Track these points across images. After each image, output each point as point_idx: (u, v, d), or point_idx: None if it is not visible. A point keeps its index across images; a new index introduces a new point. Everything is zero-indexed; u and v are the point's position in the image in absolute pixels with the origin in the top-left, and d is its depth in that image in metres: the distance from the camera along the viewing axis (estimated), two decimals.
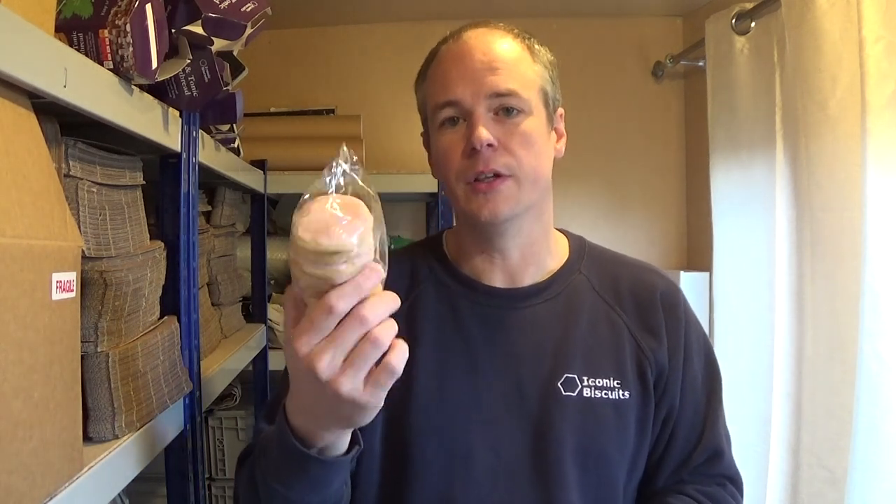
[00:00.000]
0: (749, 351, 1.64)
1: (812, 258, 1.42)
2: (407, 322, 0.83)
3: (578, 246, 0.93)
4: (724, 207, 1.79)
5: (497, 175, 0.79)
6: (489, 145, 0.79)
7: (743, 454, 1.64)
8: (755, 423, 1.61)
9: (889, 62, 1.20)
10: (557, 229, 0.95)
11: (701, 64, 1.95)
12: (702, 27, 1.84)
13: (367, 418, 0.60)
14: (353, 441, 0.68)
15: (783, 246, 1.53)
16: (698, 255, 2.13)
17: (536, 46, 0.86)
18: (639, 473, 0.85)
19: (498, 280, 0.88)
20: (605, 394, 0.82)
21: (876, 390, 1.22)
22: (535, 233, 0.87)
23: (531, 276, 0.88)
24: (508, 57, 0.82)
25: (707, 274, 1.94)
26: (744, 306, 1.68)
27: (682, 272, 2.07)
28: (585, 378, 0.82)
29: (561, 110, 0.89)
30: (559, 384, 0.82)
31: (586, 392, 0.82)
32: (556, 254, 0.91)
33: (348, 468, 0.69)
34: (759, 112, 1.64)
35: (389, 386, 0.57)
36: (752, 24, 1.66)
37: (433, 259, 0.91)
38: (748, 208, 1.69)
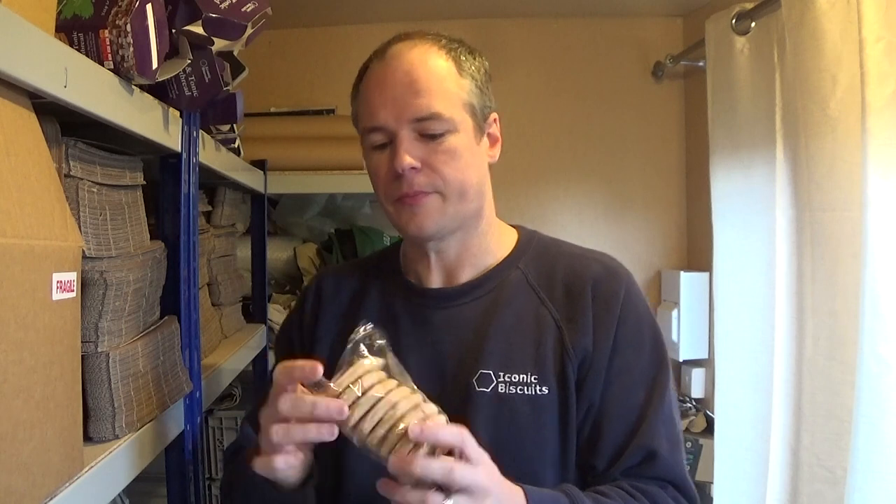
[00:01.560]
0: (749, 351, 1.64)
1: (812, 258, 1.42)
2: (346, 320, 0.89)
3: (526, 241, 0.93)
4: (724, 207, 1.79)
5: (422, 192, 0.82)
6: (412, 168, 0.80)
7: (743, 454, 1.65)
8: (755, 423, 1.61)
9: (889, 62, 1.20)
10: (512, 225, 0.95)
11: (701, 64, 1.95)
12: (702, 27, 1.84)
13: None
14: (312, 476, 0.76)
15: (783, 246, 1.53)
16: (698, 255, 2.13)
17: (463, 57, 0.85)
18: (572, 471, 0.84)
19: (436, 281, 0.90)
20: (521, 389, 0.81)
21: (876, 390, 1.22)
22: (469, 236, 0.89)
23: (467, 275, 0.89)
24: (431, 76, 0.82)
25: (707, 274, 1.94)
26: (744, 306, 1.68)
27: (682, 272, 2.07)
28: (501, 374, 0.82)
29: (494, 115, 0.89)
30: (474, 380, 0.82)
31: (501, 388, 0.82)
32: (498, 251, 0.91)
33: (299, 499, 0.76)
34: (759, 112, 1.64)
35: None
36: (752, 25, 1.66)
37: (383, 265, 0.96)
38: (748, 208, 1.69)
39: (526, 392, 0.81)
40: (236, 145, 1.45)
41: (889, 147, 1.21)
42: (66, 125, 0.72)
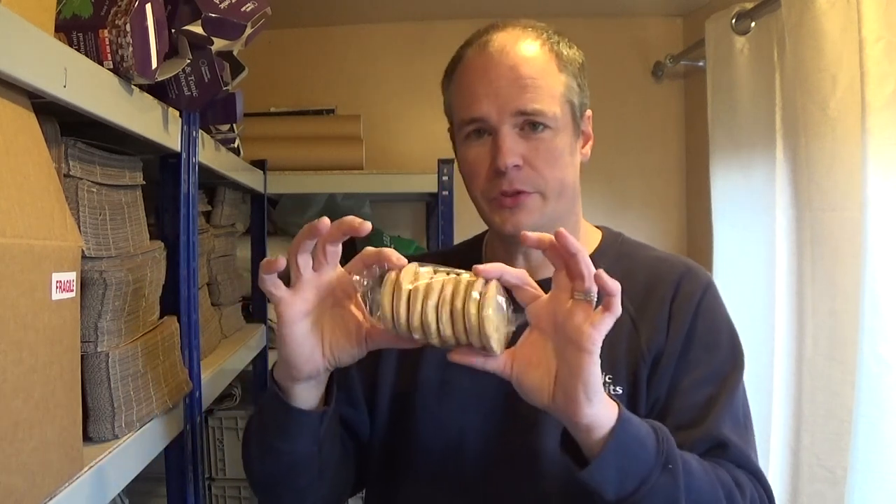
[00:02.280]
0: (749, 351, 1.62)
1: (812, 258, 1.42)
2: None
3: (610, 243, 0.93)
4: (724, 207, 1.79)
5: (522, 191, 0.81)
6: (515, 166, 0.80)
7: None
8: (755, 423, 1.60)
9: (889, 62, 1.20)
10: (598, 226, 0.95)
11: (701, 64, 1.95)
12: (702, 27, 1.84)
13: (299, 360, 0.70)
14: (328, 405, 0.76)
15: (783, 246, 1.53)
16: (698, 255, 2.13)
17: (564, 51, 0.85)
18: None
19: None
20: None
21: (876, 390, 1.22)
22: None
23: (550, 272, 0.88)
24: (534, 70, 0.81)
25: None
26: (744, 306, 1.67)
27: None
28: None
29: (589, 112, 0.89)
30: None
31: None
32: None
33: (315, 426, 0.75)
34: (759, 112, 1.64)
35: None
36: (752, 24, 1.66)
37: (466, 256, 0.94)
38: (748, 208, 1.69)
39: None
40: (236, 145, 1.44)
41: (889, 147, 1.20)
42: (66, 125, 0.72)
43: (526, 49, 0.83)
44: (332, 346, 0.70)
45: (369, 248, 0.68)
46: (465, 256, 0.95)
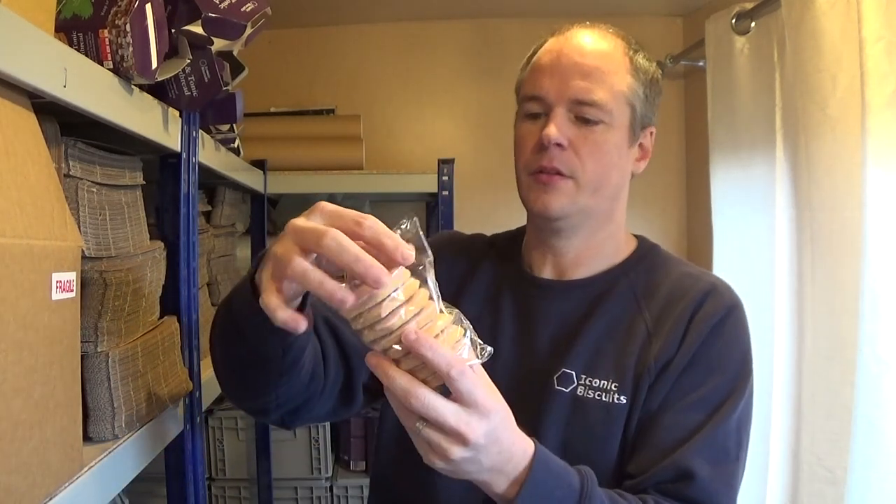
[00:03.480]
0: None
1: (812, 258, 1.42)
2: (455, 297, 0.88)
3: (643, 252, 0.92)
4: (724, 207, 1.79)
5: (559, 173, 0.81)
6: (558, 144, 0.81)
7: None
8: (755, 423, 1.60)
9: (889, 62, 1.20)
10: (635, 235, 0.95)
11: (701, 64, 1.95)
12: (702, 27, 1.84)
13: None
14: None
15: (783, 245, 1.53)
16: (698, 255, 2.13)
17: (640, 60, 0.86)
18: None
19: (547, 273, 0.90)
20: (599, 395, 0.80)
21: (876, 390, 1.21)
22: (595, 239, 0.88)
23: (580, 274, 0.89)
24: (603, 65, 0.83)
25: None
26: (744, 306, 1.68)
27: None
28: (584, 376, 0.81)
29: (652, 129, 0.91)
30: (555, 378, 0.82)
31: (580, 390, 0.81)
32: (615, 256, 0.90)
33: (287, 339, 0.67)
34: (759, 112, 1.64)
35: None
36: (752, 24, 1.66)
37: (508, 246, 0.96)
38: (748, 208, 1.69)
39: (604, 399, 0.80)
40: (236, 145, 1.44)
41: (889, 147, 1.20)
42: (66, 125, 0.72)
43: (602, 43, 0.85)
44: None
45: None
46: (509, 246, 0.96)
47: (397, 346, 0.57)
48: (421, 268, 0.59)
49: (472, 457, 0.60)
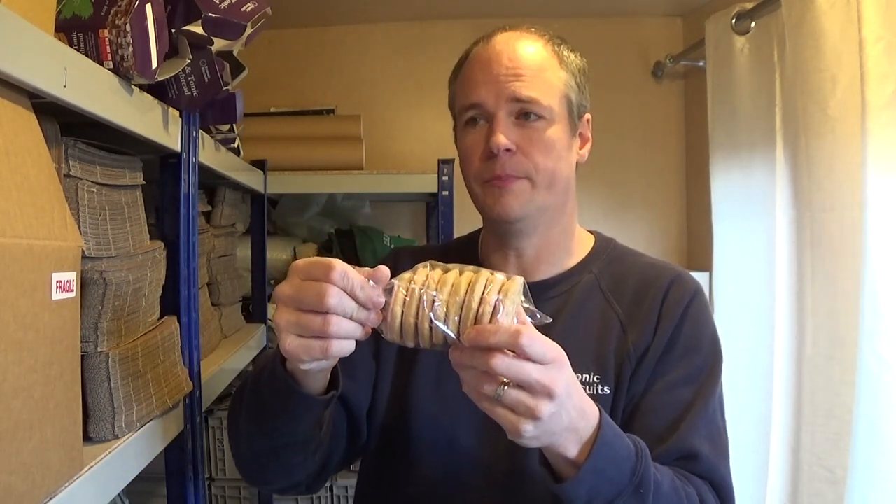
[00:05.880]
0: (749, 351, 1.63)
1: (812, 258, 1.42)
2: None
3: (602, 246, 0.95)
4: (724, 207, 1.79)
5: (513, 176, 0.83)
6: (507, 150, 0.82)
7: (743, 454, 1.64)
8: (755, 423, 1.60)
9: (889, 62, 1.20)
10: (590, 231, 0.97)
11: (701, 64, 1.95)
12: (702, 27, 1.84)
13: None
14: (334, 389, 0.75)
15: (783, 246, 1.53)
16: (698, 255, 2.13)
17: (565, 53, 0.88)
18: None
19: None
20: (583, 389, 0.81)
21: (876, 390, 1.22)
22: (552, 234, 0.90)
23: (542, 274, 0.90)
24: (533, 63, 0.84)
25: (707, 274, 1.93)
26: (744, 306, 1.68)
27: None
28: None
29: (588, 115, 0.91)
30: None
31: None
32: (575, 254, 0.92)
33: (321, 410, 0.74)
34: (759, 112, 1.64)
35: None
36: (752, 24, 1.66)
37: (463, 253, 0.96)
38: (748, 208, 1.69)
39: (588, 392, 0.80)
40: (236, 145, 1.44)
41: (889, 147, 1.21)
42: (66, 125, 0.72)
43: (528, 44, 0.86)
44: None
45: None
46: (464, 251, 0.97)
47: (451, 334, 0.62)
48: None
49: (557, 411, 0.62)
